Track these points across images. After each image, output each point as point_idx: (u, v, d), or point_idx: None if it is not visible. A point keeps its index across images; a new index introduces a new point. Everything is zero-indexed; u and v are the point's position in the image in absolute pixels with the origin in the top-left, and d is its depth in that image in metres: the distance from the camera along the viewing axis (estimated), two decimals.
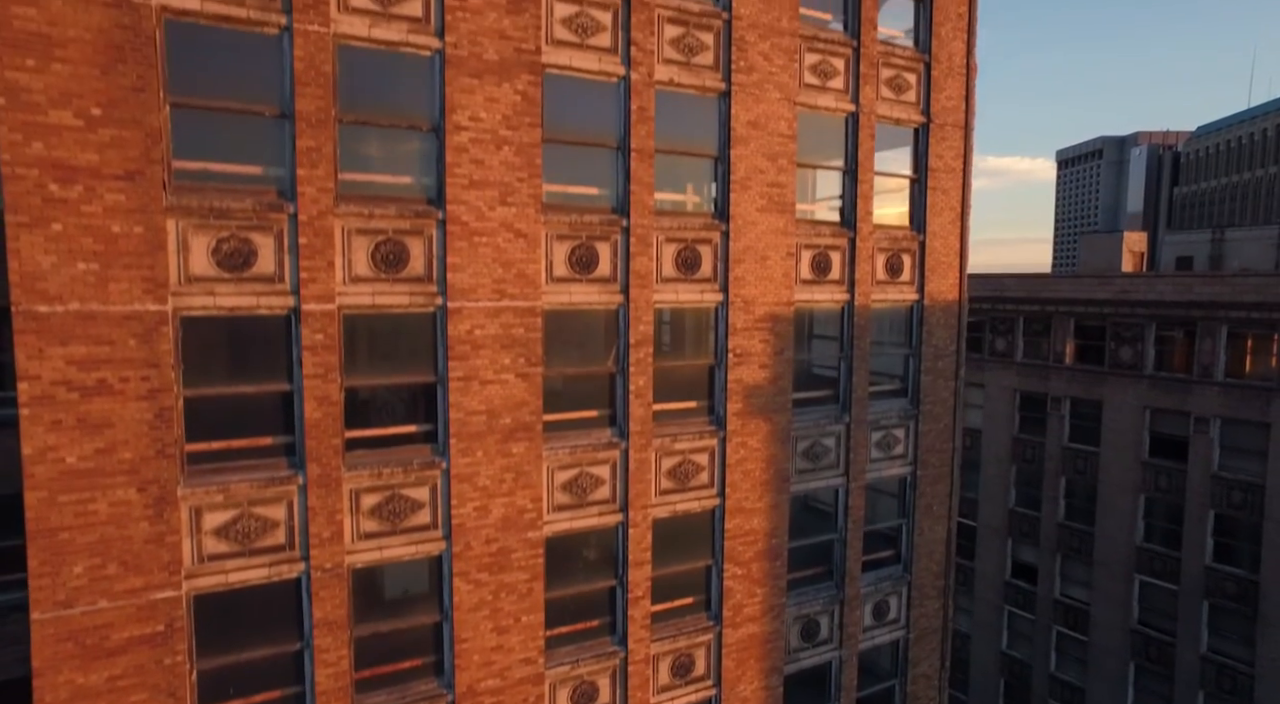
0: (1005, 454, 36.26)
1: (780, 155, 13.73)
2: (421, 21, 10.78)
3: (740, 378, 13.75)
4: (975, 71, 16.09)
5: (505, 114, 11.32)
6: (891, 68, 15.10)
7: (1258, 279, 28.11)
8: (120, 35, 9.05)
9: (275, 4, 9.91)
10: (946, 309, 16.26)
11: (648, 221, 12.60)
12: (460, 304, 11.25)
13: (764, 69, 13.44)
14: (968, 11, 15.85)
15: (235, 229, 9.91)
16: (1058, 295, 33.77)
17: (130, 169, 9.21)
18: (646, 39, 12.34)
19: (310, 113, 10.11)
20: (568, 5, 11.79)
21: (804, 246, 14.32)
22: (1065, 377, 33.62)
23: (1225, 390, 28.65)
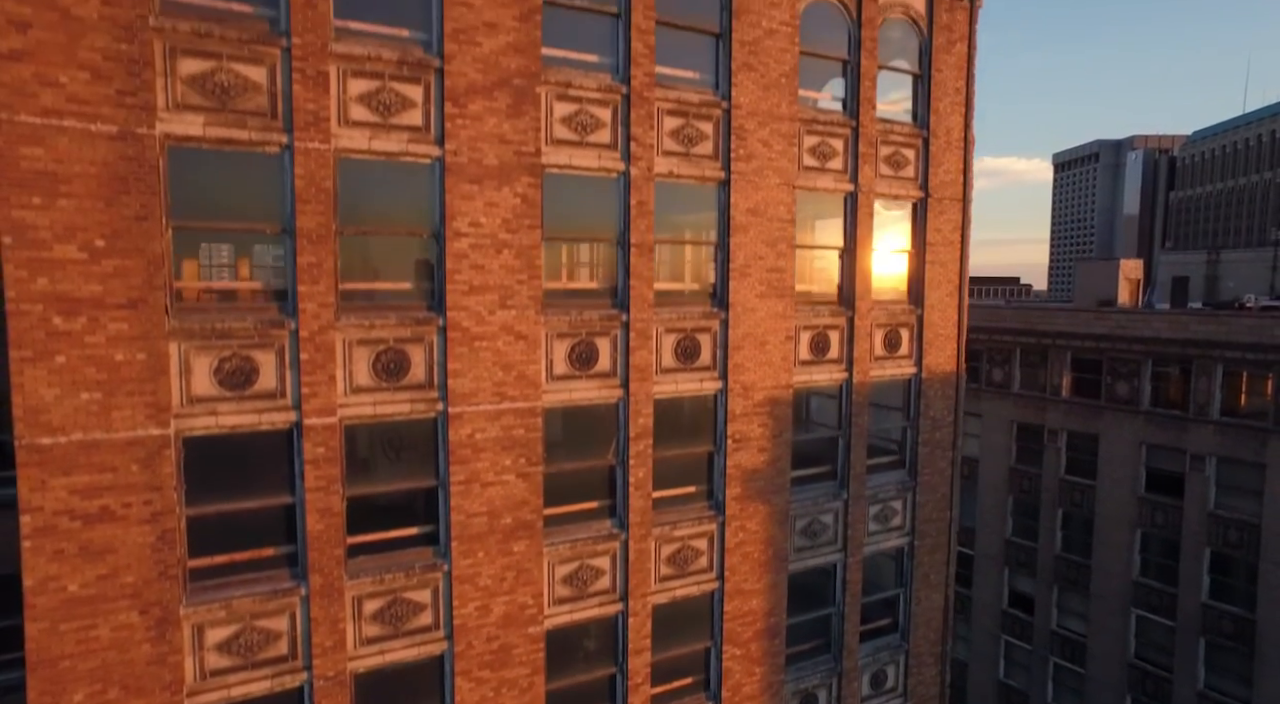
0: (1002, 484, 36.38)
1: (779, 240, 13.79)
2: (421, 130, 10.82)
3: (739, 463, 13.82)
4: (973, 144, 16.16)
5: (505, 218, 11.36)
6: (890, 145, 15.16)
7: (1253, 320, 28.24)
8: (124, 167, 9.08)
9: (276, 123, 9.95)
10: (944, 380, 16.33)
11: (647, 315, 12.65)
12: (461, 409, 11.30)
13: (763, 156, 13.50)
14: (965, 86, 15.91)
15: (237, 348, 9.94)
16: (1054, 328, 33.87)
17: (133, 297, 9.24)
18: (646, 133, 12.38)
19: (311, 229, 10.15)
20: (567, 104, 11.83)
21: (803, 328, 14.39)
22: (1062, 409, 33.73)
23: (1221, 429, 28.77)
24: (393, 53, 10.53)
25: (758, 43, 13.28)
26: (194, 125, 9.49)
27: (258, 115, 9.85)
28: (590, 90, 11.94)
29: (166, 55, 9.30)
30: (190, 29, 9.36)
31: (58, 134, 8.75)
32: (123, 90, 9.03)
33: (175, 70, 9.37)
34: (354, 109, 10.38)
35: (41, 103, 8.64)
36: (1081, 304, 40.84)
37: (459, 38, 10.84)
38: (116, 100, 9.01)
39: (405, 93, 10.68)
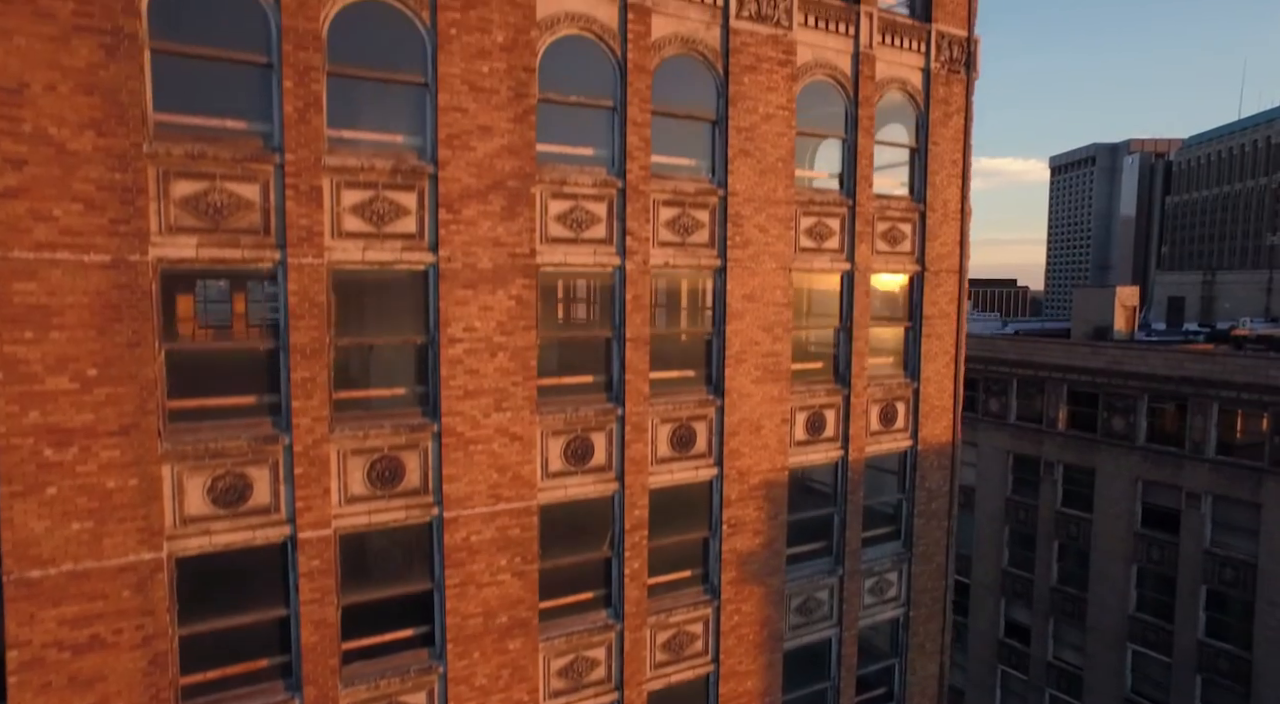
0: (998, 513, 36.42)
1: (775, 324, 13.77)
2: (415, 237, 10.78)
3: (735, 547, 13.80)
4: (970, 215, 16.14)
5: (500, 321, 11.32)
6: (887, 220, 15.14)
7: (1248, 360, 28.28)
8: (117, 295, 9.03)
9: (269, 240, 9.90)
10: (940, 451, 16.33)
11: (643, 408, 12.62)
12: (456, 513, 11.26)
13: (760, 241, 13.47)
14: (962, 157, 15.89)
15: (231, 466, 9.90)
16: (1050, 361, 33.89)
17: (125, 424, 9.20)
18: (642, 227, 12.35)
19: (304, 344, 10.10)
20: (562, 201, 11.79)
21: (798, 408, 14.36)
22: (1058, 442, 33.76)
23: (1216, 468, 28.81)
24: (386, 161, 10.48)
25: (754, 128, 13.25)
26: (187, 248, 9.44)
27: (250, 233, 9.80)
28: (585, 186, 11.90)
29: (160, 179, 9.25)
30: (184, 152, 9.31)
31: (50, 267, 8.70)
32: (116, 219, 8.98)
33: (168, 193, 9.32)
34: (347, 220, 10.34)
35: (35, 238, 8.59)
36: (1078, 330, 40.83)
37: (453, 143, 10.80)
38: (110, 229, 8.96)
39: (399, 200, 10.63)
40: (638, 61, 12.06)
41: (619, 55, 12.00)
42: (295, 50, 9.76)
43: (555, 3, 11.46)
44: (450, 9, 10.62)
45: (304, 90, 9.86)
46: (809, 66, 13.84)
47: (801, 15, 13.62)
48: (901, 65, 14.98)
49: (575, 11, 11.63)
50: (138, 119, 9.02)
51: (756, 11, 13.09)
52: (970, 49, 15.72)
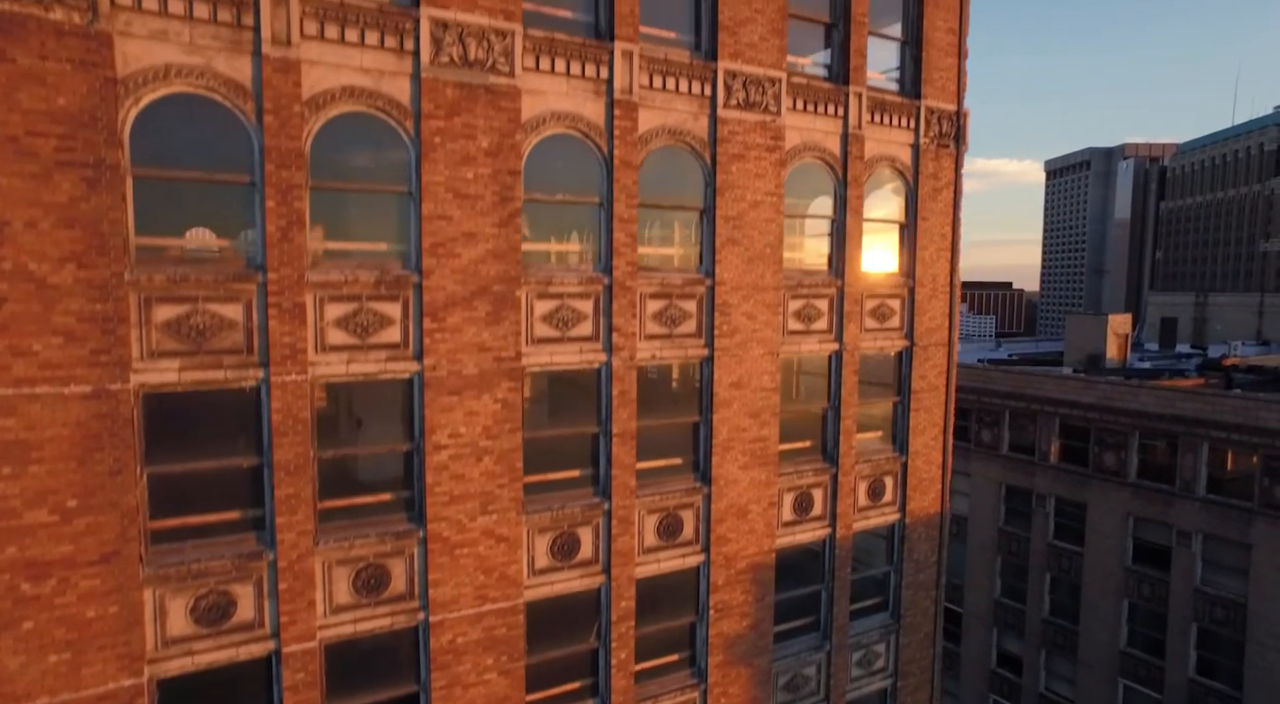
0: (990, 544, 36.49)
1: (763, 410, 13.76)
2: (400, 346, 10.75)
3: (722, 630, 13.80)
4: (959, 288, 16.15)
5: (486, 425, 11.30)
6: (876, 297, 15.14)
7: (1237, 401, 28.33)
8: (98, 424, 8.99)
9: (253, 358, 9.86)
10: (928, 522, 16.35)
11: (629, 502, 12.61)
12: (442, 617, 11.24)
13: (747, 328, 13.46)
14: (951, 231, 15.90)
15: (214, 584, 9.87)
16: (1042, 394, 33.94)
17: (106, 552, 9.16)
18: (628, 322, 12.33)
19: (289, 460, 10.07)
20: (548, 302, 11.76)
21: (786, 490, 14.37)
22: (1050, 475, 33.82)
23: (1207, 506, 28.90)
24: (370, 273, 10.45)
25: (742, 216, 13.24)
26: (169, 372, 9.40)
27: (233, 353, 9.76)
28: (572, 285, 11.88)
29: (141, 306, 9.21)
30: (165, 277, 9.26)
31: (29, 402, 8.65)
32: (97, 349, 8.94)
33: (150, 319, 9.27)
34: (331, 333, 10.30)
35: (14, 374, 8.54)
36: (1071, 357, 40.94)
37: (437, 251, 10.77)
38: (90, 359, 8.91)
39: (383, 311, 10.60)
40: (624, 157, 12.04)
41: (605, 152, 11.97)
42: (278, 170, 9.72)
43: (541, 103, 11.43)
44: (434, 117, 10.59)
45: (286, 208, 9.81)
46: (798, 150, 13.83)
47: (790, 100, 13.60)
48: (891, 142, 14.98)
49: (561, 111, 11.60)
50: (119, 248, 8.97)
51: (745, 99, 13.07)
52: (960, 123, 15.73)
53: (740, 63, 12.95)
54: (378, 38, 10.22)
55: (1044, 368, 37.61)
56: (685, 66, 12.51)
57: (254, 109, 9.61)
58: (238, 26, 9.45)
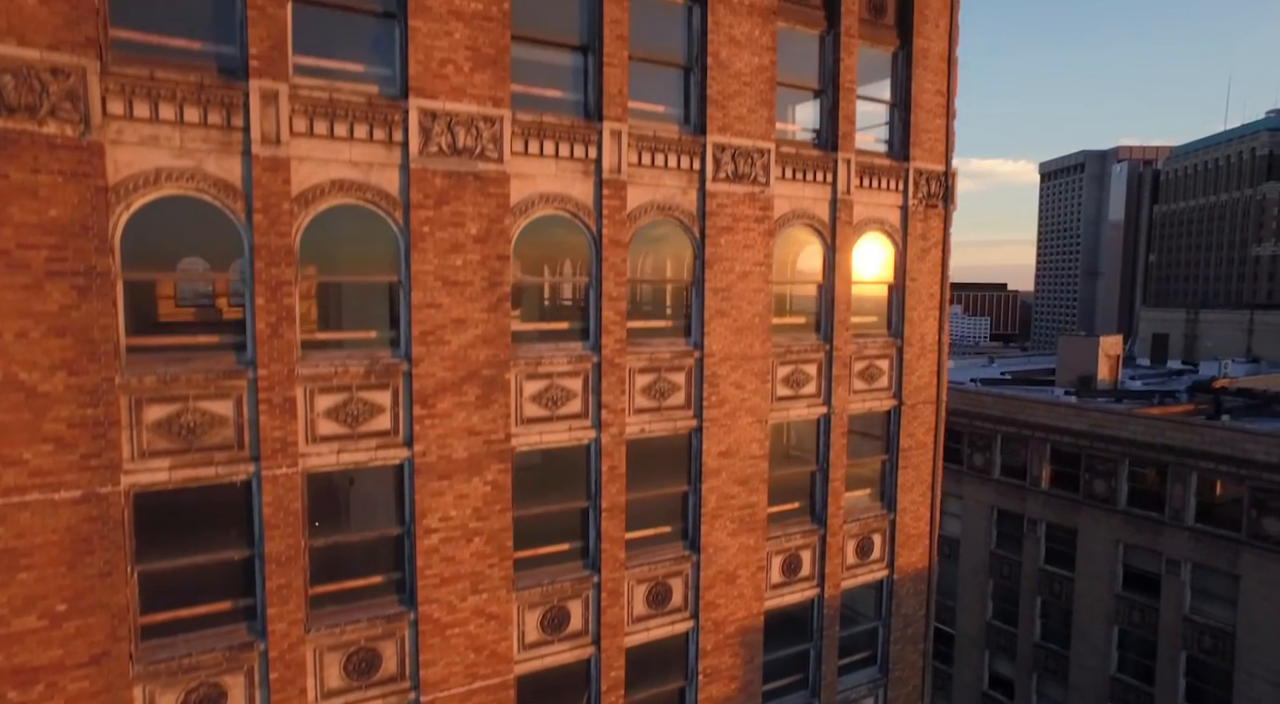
0: (982, 567, 36.70)
1: (752, 476, 13.88)
2: (390, 434, 10.84)
3: (711, 695, 13.92)
4: (947, 347, 16.28)
5: (476, 507, 11.39)
6: (864, 359, 15.26)
7: (1226, 432, 28.52)
8: (88, 528, 9.07)
9: (243, 454, 9.94)
10: (916, 577, 16.48)
11: (619, 574, 12.72)
12: (433, 696, 11.34)
13: (736, 398, 13.57)
14: (939, 291, 16.02)
15: (205, 677, 9.95)
16: (1034, 420, 34.13)
17: (96, 653, 9.24)
18: (617, 399, 12.42)
19: (279, 552, 10.16)
20: (538, 382, 11.86)
21: (775, 553, 14.49)
22: (1041, 500, 34.03)
23: (1196, 536, 29.11)
24: (360, 364, 10.53)
25: (730, 287, 13.34)
26: (160, 471, 9.47)
27: (224, 449, 9.84)
28: (561, 364, 11.98)
29: (132, 408, 9.28)
30: (155, 379, 9.34)
31: (19, 510, 8.72)
32: (87, 453, 9.01)
33: (141, 420, 9.35)
34: (321, 424, 10.39)
35: (3, 483, 8.62)
36: (1063, 377, 41.12)
37: (426, 340, 10.85)
38: (81, 464, 8.99)
39: (373, 400, 10.68)
40: (613, 236, 12.13)
41: (594, 231, 12.07)
42: (267, 267, 9.79)
43: (530, 186, 11.52)
44: (423, 207, 10.67)
45: (276, 305, 9.89)
46: (787, 218, 13.94)
47: (779, 169, 13.71)
48: (879, 205, 15.09)
49: (550, 193, 11.69)
50: (109, 353, 9.05)
51: (734, 172, 13.17)
52: (948, 183, 15.84)
53: (729, 135, 13.05)
54: (366, 131, 10.30)
55: (1036, 392, 37.76)
56: (674, 142, 12.60)
57: (244, 208, 9.68)
58: (227, 128, 9.52)
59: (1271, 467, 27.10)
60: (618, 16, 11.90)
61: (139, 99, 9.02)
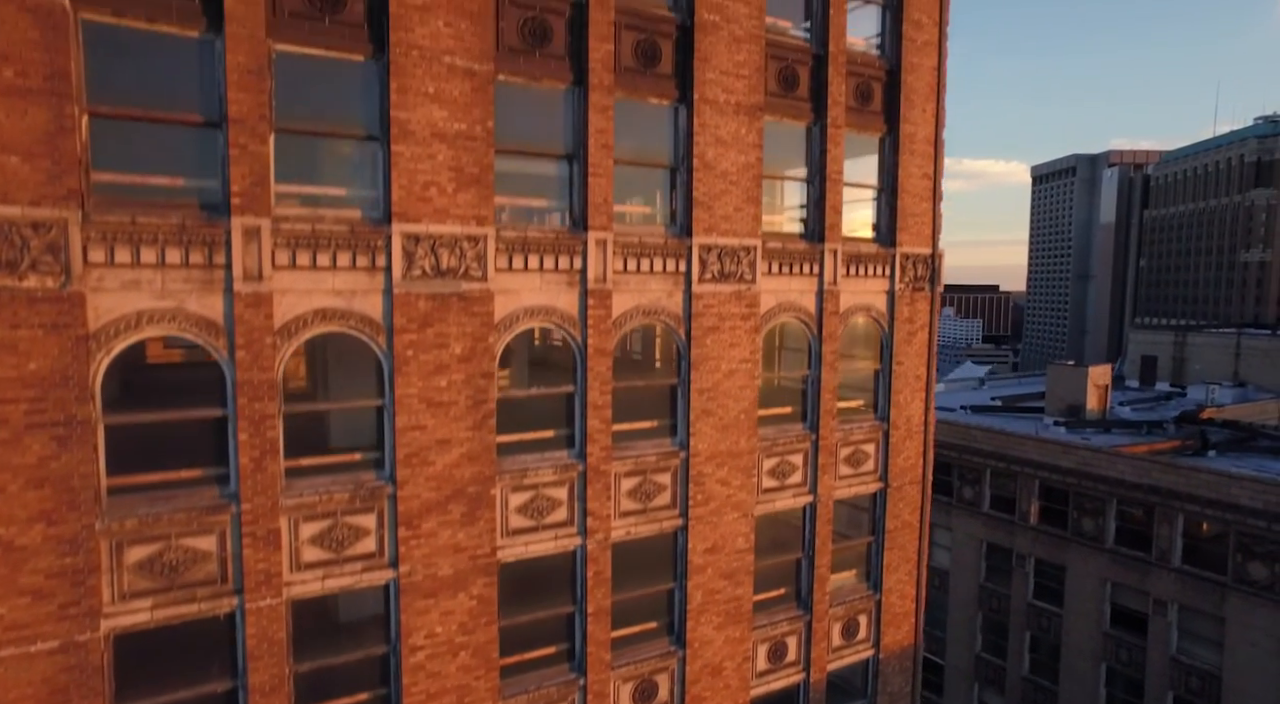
0: (971, 600, 36.86)
1: (738, 570, 13.92)
2: (375, 556, 10.82)
3: None
4: (933, 426, 16.33)
5: (462, 621, 11.40)
6: (850, 445, 15.31)
7: (1211, 476, 28.69)
8: (66, 677, 9.04)
9: (227, 587, 9.92)
10: (902, 654, 16.55)
11: (605, 675, 12.73)
12: None
13: (722, 495, 13.59)
14: (925, 372, 16.07)
15: None
16: (1023, 455, 34.27)
17: None
18: (603, 505, 12.43)
19: (264, 683, 10.14)
20: (523, 493, 11.86)
21: (761, 641, 14.53)
22: (1030, 536, 34.19)
23: (1182, 577, 29.30)
24: (344, 489, 10.51)
25: (716, 386, 13.36)
26: (141, 612, 9.44)
27: (207, 584, 9.81)
28: (547, 475, 11.98)
29: (113, 551, 9.25)
30: (138, 520, 9.31)
31: None
32: (66, 603, 8.97)
33: (121, 562, 9.31)
34: (306, 551, 10.37)
35: None
36: (1052, 406, 41.35)
37: (411, 461, 10.84)
38: (59, 614, 8.95)
39: (358, 523, 10.67)
40: (598, 345, 12.13)
41: (579, 340, 12.07)
42: (250, 402, 9.76)
43: (514, 301, 11.51)
44: (407, 331, 10.65)
45: (260, 439, 9.87)
46: (773, 312, 13.97)
47: (766, 264, 13.73)
48: (866, 292, 15.13)
49: (535, 306, 11.68)
50: (89, 500, 9.01)
51: (720, 271, 13.18)
52: (935, 265, 15.89)
53: (715, 235, 13.07)
54: (349, 258, 10.27)
55: (1024, 423, 37.93)
56: (660, 246, 12.61)
57: (226, 345, 9.65)
58: (209, 266, 9.49)
59: (1256, 512, 27.30)
60: (602, 126, 11.89)
61: (120, 245, 8.98)
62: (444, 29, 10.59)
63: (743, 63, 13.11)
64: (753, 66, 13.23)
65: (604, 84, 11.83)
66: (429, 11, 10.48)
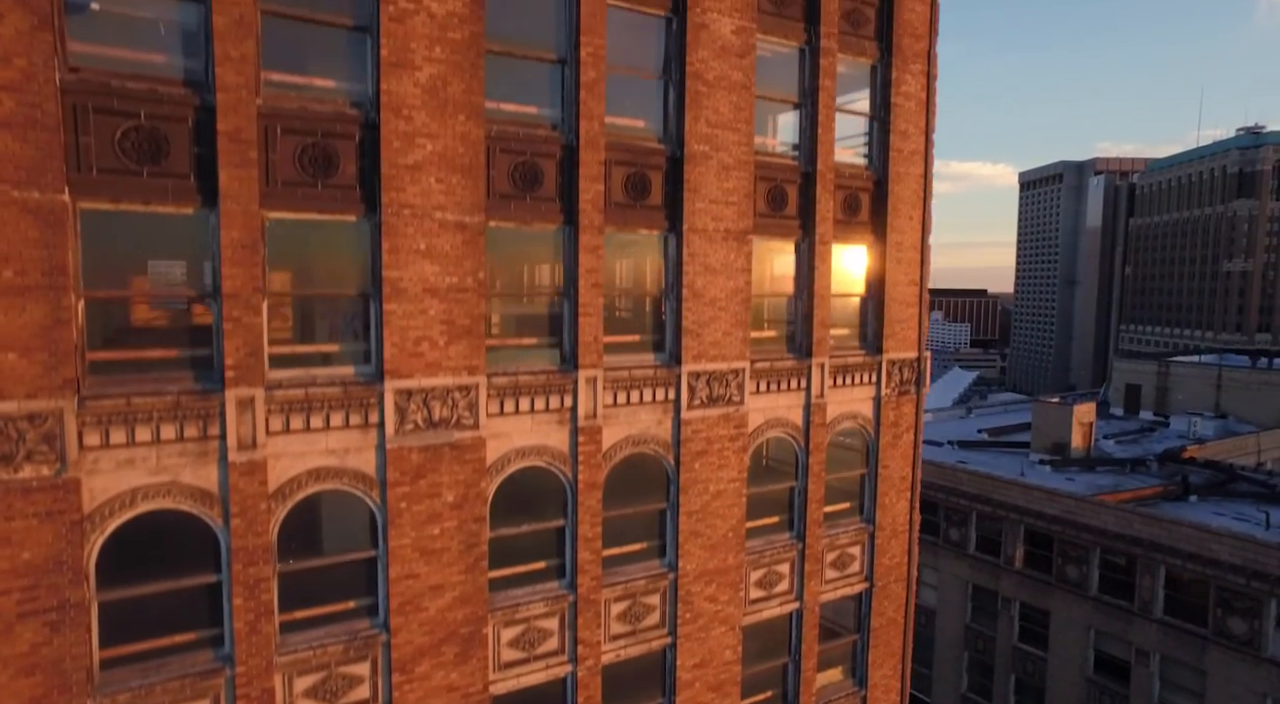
0: (958, 639, 37.27)
1: (725, 682, 14.11)
2: (369, 702, 10.94)
3: None
4: (918, 525, 16.58)
5: None
6: (836, 549, 15.52)
7: (1192, 530, 29.11)
8: None
9: None
10: None
11: None
12: None
13: (709, 611, 13.78)
14: (910, 472, 16.31)
15: None
16: (1008, 500, 34.66)
17: None
18: (593, 633, 12.60)
19: None
20: (514, 628, 12.00)
21: None
22: (1015, 580, 34.60)
23: (1164, 628, 29.73)
24: (338, 640, 10.63)
25: (705, 507, 13.54)
26: None
27: None
28: (537, 607, 12.13)
29: None
30: (130, 694, 9.40)
31: None
32: None
33: None
34: None
35: None
36: (1038, 443, 41.80)
37: (405, 610, 10.97)
38: None
39: (352, 672, 10.79)
40: (588, 479, 12.29)
41: (569, 476, 12.22)
42: (245, 568, 9.88)
43: (506, 443, 11.65)
44: (400, 484, 10.78)
45: (255, 602, 9.98)
46: (761, 429, 14.16)
47: (754, 385, 13.92)
48: (853, 400, 15.35)
49: (526, 446, 11.82)
50: (81, 680, 9.10)
51: (708, 396, 13.36)
52: (920, 368, 16.12)
53: (704, 362, 13.24)
54: (343, 418, 10.39)
55: (1010, 468, 38.30)
56: (649, 377, 12.78)
57: (220, 513, 9.76)
58: (204, 438, 9.59)
59: (1235, 567, 27.75)
60: (592, 265, 12.04)
61: (116, 426, 9.07)
62: (435, 185, 10.72)
63: (732, 190, 13.29)
64: (742, 192, 13.41)
65: (594, 225, 11.98)
66: (420, 170, 10.60)
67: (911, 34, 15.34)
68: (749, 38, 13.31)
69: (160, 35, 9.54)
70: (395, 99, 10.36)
